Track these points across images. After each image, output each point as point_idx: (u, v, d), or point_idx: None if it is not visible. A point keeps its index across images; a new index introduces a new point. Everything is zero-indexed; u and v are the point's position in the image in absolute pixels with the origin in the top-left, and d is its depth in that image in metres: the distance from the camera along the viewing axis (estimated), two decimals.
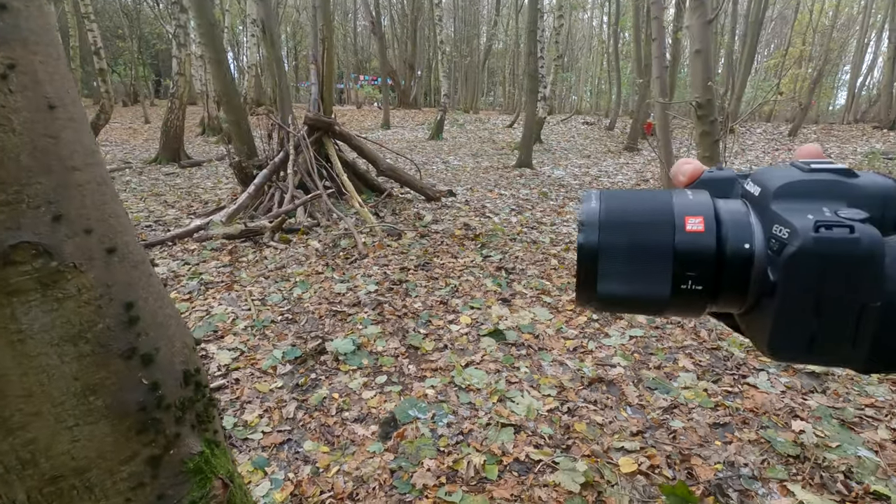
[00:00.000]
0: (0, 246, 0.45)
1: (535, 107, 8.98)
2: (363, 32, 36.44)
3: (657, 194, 0.35)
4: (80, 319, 0.52)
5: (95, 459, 0.54)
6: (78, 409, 0.52)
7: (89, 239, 0.52)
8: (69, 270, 0.51)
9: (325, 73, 5.50)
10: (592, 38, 34.59)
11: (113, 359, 0.55)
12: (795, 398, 2.41)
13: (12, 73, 0.45)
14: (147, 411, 0.57)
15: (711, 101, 3.58)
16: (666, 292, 0.32)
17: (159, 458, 0.59)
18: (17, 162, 0.46)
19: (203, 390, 0.66)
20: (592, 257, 0.33)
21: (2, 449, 0.51)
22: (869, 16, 21.75)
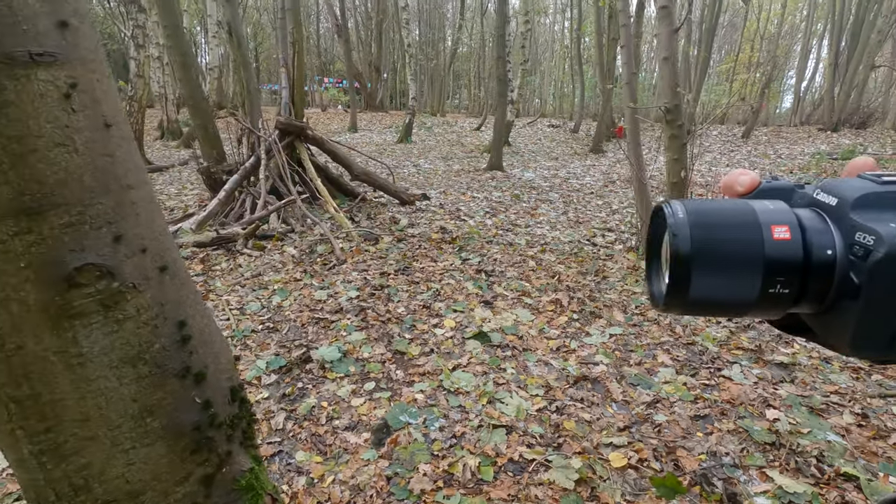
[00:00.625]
0: (65, 269, 0.44)
1: (505, 110, 9.10)
2: (326, 34, 35.98)
3: (737, 204, 0.37)
4: (139, 340, 0.51)
5: (150, 482, 0.53)
6: (135, 432, 0.51)
7: (145, 258, 0.51)
8: (129, 291, 0.50)
9: (295, 77, 5.41)
10: (555, 43, 35.31)
11: (169, 379, 0.54)
12: (767, 388, 2.54)
13: (74, 93, 0.44)
14: (201, 430, 0.56)
15: (679, 105, 3.73)
16: (754, 296, 0.35)
17: (212, 477, 0.58)
18: (80, 182, 0.44)
19: (246, 406, 0.65)
20: (686, 265, 0.35)
21: (54, 476, 0.49)
22: (811, 24, 23.11)
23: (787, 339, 3.02)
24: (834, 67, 16.23)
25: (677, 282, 0.36)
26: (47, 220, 0.44)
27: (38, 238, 0.44)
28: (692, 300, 0.36)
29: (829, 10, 19.17)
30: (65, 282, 0.44)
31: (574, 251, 4.69)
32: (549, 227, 5.66)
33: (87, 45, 0.48)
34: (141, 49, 9.24)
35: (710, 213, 0.36)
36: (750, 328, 3.16)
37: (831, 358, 2.81)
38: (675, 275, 0.36)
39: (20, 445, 0.48)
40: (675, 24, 3.63)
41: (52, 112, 0.43)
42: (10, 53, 0.40)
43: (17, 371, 0.46)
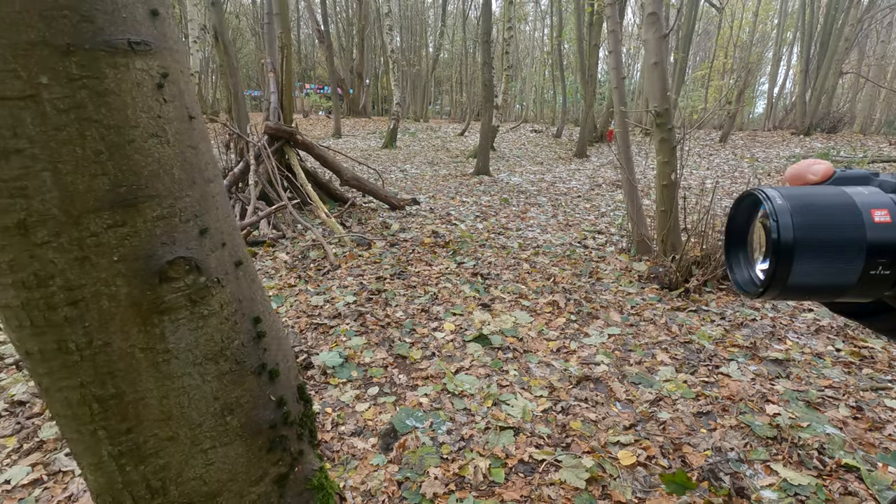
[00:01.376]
0: (157, 262, 0.43)
1: (491, 115, 9.17)
2: (307, 41, 35.79)
3: (832, 189, 0.38)
4: (221, 336, 0.49)
5: (227, 482, 0.51)
6: (215, 431, 0.49)
7: (224, 252, 0.50)
8: (213, 286, 0.49)
9: (284, 82, 5.37)
10: (535, 50, 35.75)
11: (247, 376, 0.52)
12: (764, 384, 2.60)
13: (166, 83, 0.43)
14: (276, 429, 0.55)
15: (669, 109, 3.81)
16: (854, 279, 0.36)
17: (286, 477, 0.56)
18: (171, 174, 0.43)
19: (310, 405, 0.64)
20: (789, 252, 0.36)
21: (131, 478, 0.47)
22: (782, 32, 23.88)
23: (780, 335, 3.09)
24: (805, 74, 16.79)
25: (779, 268, 0.36)
26: (141, 212, 0.42)
27: (132, 231, 0.42)
28: (792, 286, 0.36)
29: (798, 18, 19.86)
30: (156, 276, 0.43)
31: (567, 253, 4.74)
32: (540, 230, 5.71)
33: (173, 36, 0.47)
34: None
35: (808, 198, 0.37)
36: (743, 326, 3.23)
37: (823, 353, 2.88)
38: (776, 261, 0.36)
39: (100, 447, 0.46)
40: (664, 31, 3.72)
41: (146, 102, 0.42)
42: (110, 41, 0.39)
43: (103, 369, 0.44)
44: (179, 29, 19.59)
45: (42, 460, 2.05)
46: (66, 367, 0.44)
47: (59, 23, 0.39)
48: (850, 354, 2.86)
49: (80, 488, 1.91)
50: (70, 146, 0.41)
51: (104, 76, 0.40)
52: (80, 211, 0.41)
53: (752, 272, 0.41)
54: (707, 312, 3.44)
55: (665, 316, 3.38)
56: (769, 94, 23.47)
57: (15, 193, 0.41)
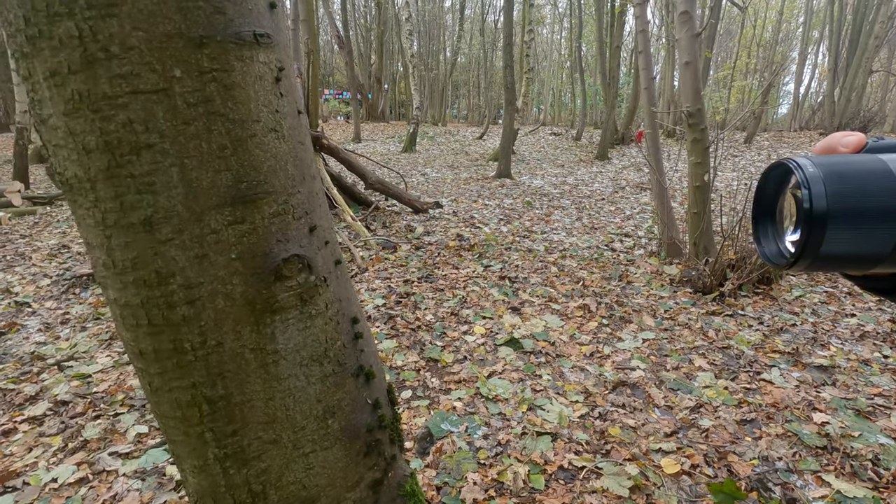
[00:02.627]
0: (273, 260, 0.42)
1: (513, 118, 9.14)
2: (326, 47, 36.25)
3: (867, 158, 0.36)
4: (326, 337, 0.48)
5: (325, 487, 0.50)
6: (317, 434, 0.48)
7: (327, 251, 0.49)
8: (321, 285, 0.48)
9: (310, 87, 5.43)
10: (552, 52, 35.61)
11: (347, 378, 0.51)
12: (810, 391, 2.51)
13: (282, 77, 0.42)
14: (372, 432, 0.54)
15: (701, 109, 3.74)
16: (889, 248, 0.34)
17: (380, 482, 0.55)
18: (285, 171, 0.42)
19: (396, 409, 0.62)
20: (822, 221, 0.34)
21: (234, 482, 0.46)
22: (808, 30, 23.35)
23: (823, 341, 2.99)
24: (833, 72, 16.37)
25: (810, 238, 0.35)
26: (259, 208, 0.42)
27: (251, 228, 0.42)
28: (824, 255, 0.35)
29: (825, 17, 19.39)
30: (272, 274, 0.42)
31: (594, 256, 4.67)
32: (566, 233, 5.65)
33: (284, 29, 0.46)
34: None
35: (841, 166, 0.35)
36: (783, 331, 3.13)
37: (870, 360, 2.78)
38: (808, 231, 0.35)
39: (206, 449, 0.45)
40: (696, 30, 3.65)
41: (267, 96, 0.42)
42: (239, 33, 0.38)
43: (214, 370, 0.43)
44: None
45: (87, 459, 2.09)
46: (179, 367, 0.43)
47: (194, 14, 0.38)
48: None
49: (125, 488, 1.93)
50: (197, 141, 0.40)
51: (232, 69, 0.40)
52: (202, 207, 0.40)
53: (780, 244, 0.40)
54: (744, 317, 3.35)
55: (700, 320, 3.31)
56: (795, 93, 22.94)
57: (143, 189, 0.41)
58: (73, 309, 3.64)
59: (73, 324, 3.41)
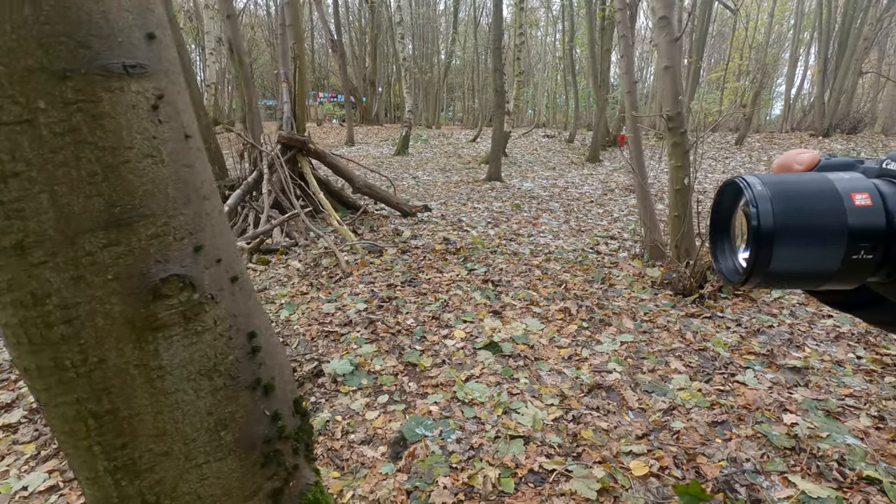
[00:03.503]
0: (151, 280, 0.44)
1: (503, 121, 9.18)
2: (320, 50, 36.27)
3: (812, 175, 0.38)
4: (216, 352, 0.50)
5: (221, 497, 0.52)
6: (209, 446, 0.50)
7: (220, 269, 0.51)
8: (207, 302, 0.49)
9: (297, 91, 5.44)
10: (546, 55, 35.74)
11: (241, 391, 0.53)
12: (782, 392, 2.54)
13: (161, 104, 0.44)
14: (270, 443, 0.55)
15: (681, 113, 3.77)
16: (836, 265, 0.35)
17: (280, 492, 0.57)
18: (165, 194, 0.44)
19: (307, 419, 0.64)
20: (769, 239, 0.35)
21: (127, 493, 0.48)
22: (798, 33, 23.54)
23: (798, 343, 3.02)
24: (823, 74, 16.50)
25: (759, 256, 0.35)
26: (135, 231, 0.44)
27: (126, 250, 0.43)
28: (773, 273, 0.36)
29: (815, 19, 19.55)
30: (150, 293, 0.44)
31: (579, 259, 4.70)
32: (552, 236, 5.68)
33: (169, 57, 0.48)
34: None
35: (788, 184, 0.36)
36: (760, 332, 3.16)
37: (843, 361, 2.81)
38: (756, 248, 0.35)
39: (96, 462, 0.47)
40: (675, 34, 3.69)
41: (141, 123, 0.44)
42: (106, 66, 0.40)
43: (98, 385, 0.45)
44: (197, 41, 20.01)
45: (59, 467, 2.09)
46: (62, 383, 0.45)
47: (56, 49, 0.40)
48: (871, 362, 2.78)
49: None
50: (66, 168, 0.42)
51: (99, 99, 0.41)
52: (75, 231, 0.42)
53: (735, 261, 0.41)
54: (722, 319, 3.38)
55: (679, 322, 3.33)
56: (786, 95, 23.10)
57: (13, 215, 0.43)
58: None
59: None
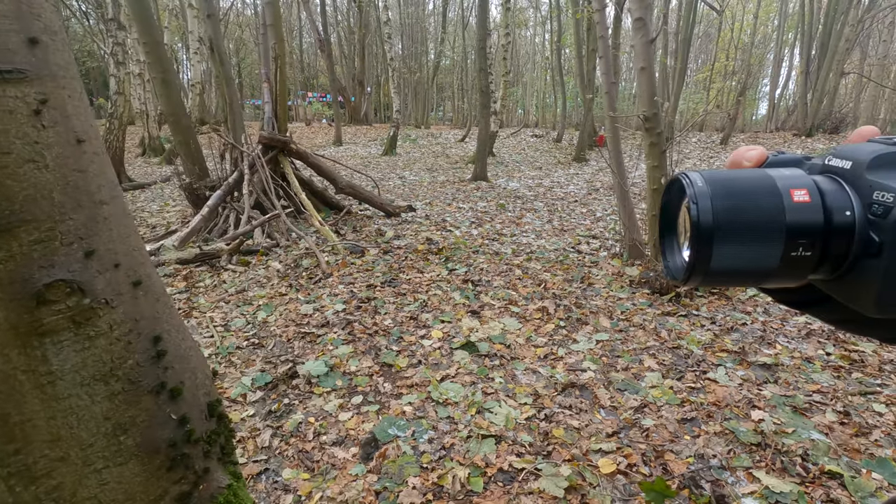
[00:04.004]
0: (34, 285, 0.43)
1: (488, 121, 9.19)
2: (309, 49, 36.07)
3: (754, 172, 0.37)
4: (112, 357, 0.50)
5: (124, 502, 0.51)
6: (108, 451, 0.50)
7: (118, 273, 0.51)
8: (101, 307, 0.49)
9: (278, 91, 5.41)
10: (536, 55, 35.88)
11: (143, 395, 0.53)
12: (752, 389, 2.57)
13: (45, 109, 0.44)
14: (177, 447, 0.55)
15: (657, 114, 3.81)
16: (776, 261, 0.35)
17: (189, 495, 0.56)
18: (50, 199, 0.44)
19: (225, 421, 0.64)
20: (709, 236, 0.34)
21: (23, 499, 0.48)
22: (782, 33, 23.84)
23: (770, 340, 3.06)
24: (805, 74, 16.73)
25: (699, 253, 0.35)
26: (16, 237, 0.43)
27: (7, 255, 0.43)
28: (714, 270, 0.35)
29: (798, 20, 19.82)
30: (33, 299, 0.43)
31: (559, 259, 4.73)
32: (535, 235, 5.70)
33: (58, 62, 0.48)
34: (121, 66, 9.16)
35: (729, 181, 0.36)
36: (733, 330, 3.21)
37: (813, 357, 2.85)
38: (696, 246, 0.35)
39: None
40: (651, 35, 3.72)
41: (21, 128, 0.43)
42: None
43: None
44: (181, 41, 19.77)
45: None
46: None
47: None
48: (840, 358, 2.83)
49: None
50: None
51: None
52: None
53: (681, 258, 0.40)
54: (697, 317, 3.42)
55: (655, 321, 3.37)
56: (770, 95, 23.39)
57: None
58: None
59: None
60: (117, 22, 8.74)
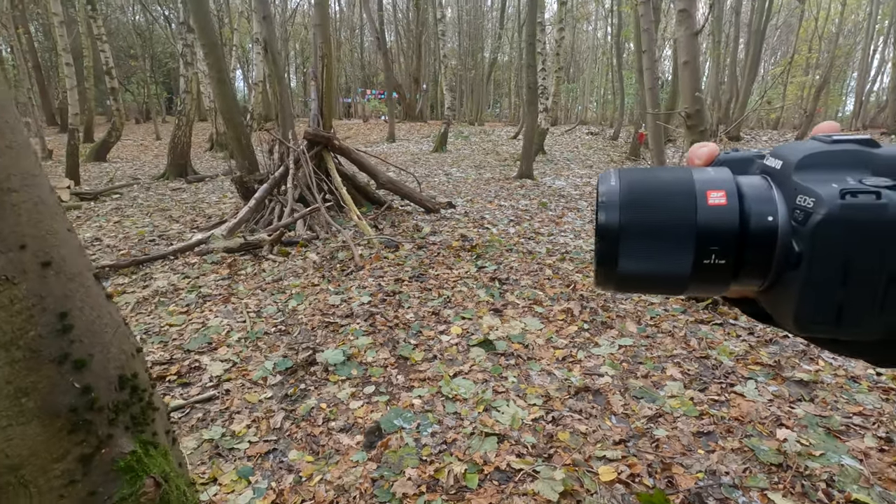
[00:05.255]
0: None
1: (536, 118, 9.05)
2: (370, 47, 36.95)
3: (676, 171, 0.34)
4: (12, 328, 0.57)
5: (28, 457, 0.58)
6: (10, 411, 0.57)
7: (23, 254, 0.57)
8: (1, 283, 0.56)
9: (324, 89, 5.61)
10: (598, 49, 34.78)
11: (44, 364, 0.60)
12: (782, 406, 2.40)
13: None
14: (78, 413, 0.62)
15: (700, 110, 3.61)
16: (687, 268, 0.32)
17: (90, 457, 0.63)
18: None
19: (140, 394, 0.70)
20: (613, 236, 0.32)
21: None
22: (874, 22, 21.67)
23: (812, 355, 2.84)
24: None
25: (605, 255, 0.33)
26: None
27: None
28: (622, 275, 0.33)
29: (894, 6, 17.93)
30: None
31: None
32: (573, 235, 5.57)
33: None
34: (189, 66, 9.83)
35: (644, 181, 0.34)
36: (772, 342, 3.00)
37: (860, 377, 2.62)
38: (601, 248, 0.33)
39: None
40: (695, 28, 3.53)
41: None
42: None
43: None
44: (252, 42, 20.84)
45: None
46: None
47: None
48: (892, 380, 2.58)
49: None
50: None
51: None
52: None
53: None
54: (734, 327, 3.22)
55: (686, 328, 3.21)
56: (857, 90, 21.37)
57: None
58: None
59: None
60: (187, 25, 9.38)
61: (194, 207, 7.28)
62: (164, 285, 4.05)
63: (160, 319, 3.45)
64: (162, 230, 5.95)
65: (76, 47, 16.52)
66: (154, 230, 5.97)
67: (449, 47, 32.05)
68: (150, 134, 21.09)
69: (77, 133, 8.74)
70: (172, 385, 2.66)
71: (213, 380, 2.71)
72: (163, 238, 5.59)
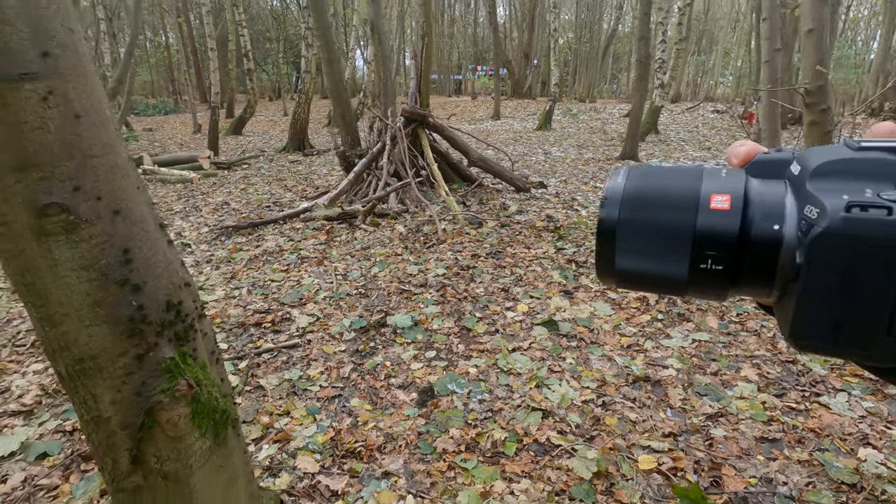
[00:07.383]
0: (37, 203, 0.73)
1: (645, 95, 8.45)
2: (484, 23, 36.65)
3: (689, 171, 0.34)
4: (91, 255, 0.79)
5: (101, 350, 0.81)
6: (90, 315, 0.80)
7: (99, 203, 0.79)
8: (83, 223, 0.78)
9: (423, 68, 5.81)
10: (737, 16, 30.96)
11: (111, 284, 0.82)
12: (875, 425, 2.14)
13: (50, 97, 0.72)
14: (134, 322, 0.83)
15: (823, 87, 3.17)
16: (683, 271, 0.31)
17: (142, 357, 0.85)
18: (50, 151, 0.73)
19: (184, 317, 0.91)
20: (610, 233, 0.33)
21: (49, 335, 0.80)
22: None
23: None
24: None
25: (603, 250, 0.33)
26: (29, 174, 0.72)
27: (27, 186, 0.73)
28: (620, 271, 0.34)
29: None
30: (40, 212, 0.73)
31: None
32: None
33: (65, 65, 0.75)
34: (310, 48, 10.66)
35: (651, 180, 0.33)
36: None
37: None
38: (601, 242, 0.33)
39: (31, 312, 0.79)
40: None
41: (33, 108, 0.71)
42: (6, 75, 0.69)
43: (22, 265, 0.76)
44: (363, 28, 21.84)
45: None
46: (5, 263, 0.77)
47: None
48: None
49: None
50: None
51: (4, 95, 0.70)
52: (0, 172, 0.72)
53: None
54: None
55: (776, 330, 2.92)
56: None
57: None
58: (217, 252, 4.62)
59: (214, 263, 4.35)
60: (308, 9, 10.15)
61: (306, 178, 8.02)
62: (272, 246, 4.60)
63: (265, 275, 3.95)
64: (277, 197, 6.68)
65: (223, 33, 18.68)
66: (271, 197, 6.73)
67: (566, 19, 30.60)
68: (280, 110, 23.24)
69: (218, 110, 10.01)
70: (266, 331, 3.09)
71: (298, 330, 3.09)
72: (276, 205, 6.28)
